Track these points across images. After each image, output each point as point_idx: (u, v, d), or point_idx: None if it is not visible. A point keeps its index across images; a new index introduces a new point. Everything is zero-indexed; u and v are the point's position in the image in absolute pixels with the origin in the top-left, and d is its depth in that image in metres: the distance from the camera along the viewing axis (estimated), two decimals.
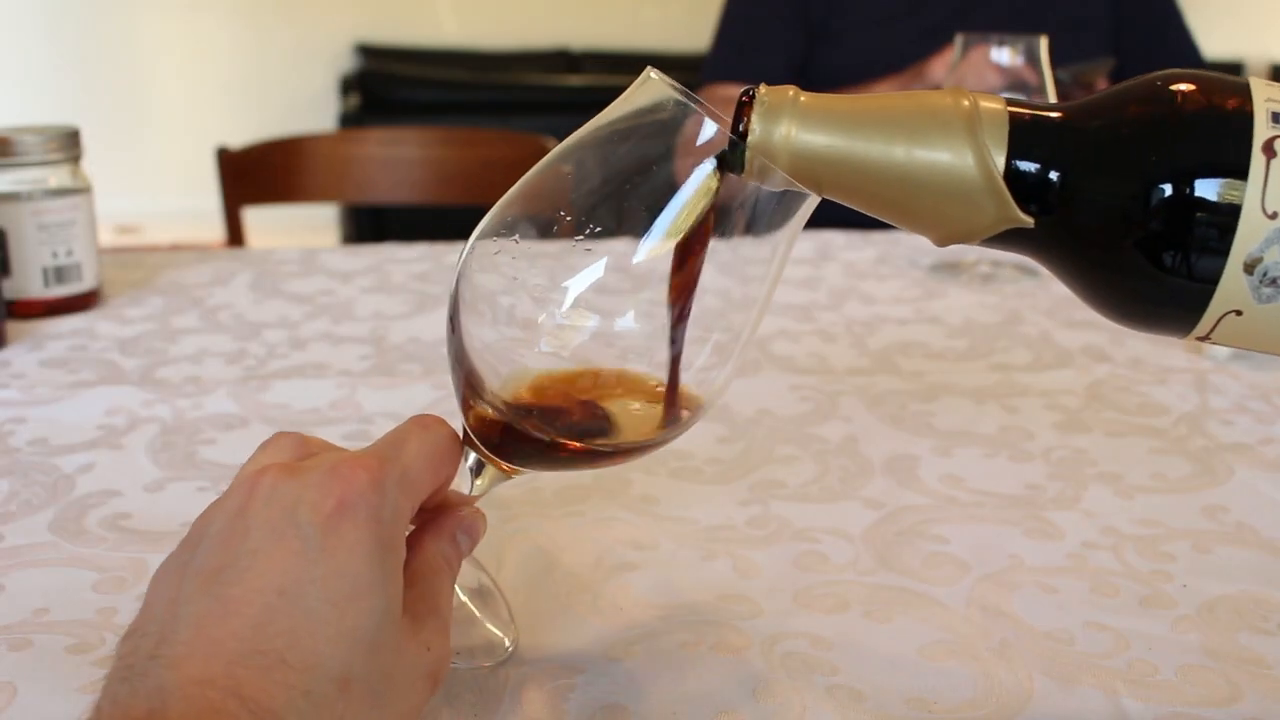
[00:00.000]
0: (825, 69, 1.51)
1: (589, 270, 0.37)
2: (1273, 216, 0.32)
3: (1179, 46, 1.53)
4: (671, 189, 0.36)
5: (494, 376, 0.39)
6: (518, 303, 0.38)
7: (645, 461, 0.61)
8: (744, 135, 0.35)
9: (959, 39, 1.02)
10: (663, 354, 0.38)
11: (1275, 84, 0.34)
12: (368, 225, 3.26)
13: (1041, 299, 0.95)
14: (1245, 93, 0.33)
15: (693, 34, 3.21)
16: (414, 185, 1.49)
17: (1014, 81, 0.98)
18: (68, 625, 0.44)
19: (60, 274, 0.85)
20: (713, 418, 0.68)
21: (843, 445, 0.64)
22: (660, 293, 0.37)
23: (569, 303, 0.37)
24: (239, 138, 1.60)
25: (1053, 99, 0.97)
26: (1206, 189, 0.33)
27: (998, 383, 0.75)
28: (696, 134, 0.36)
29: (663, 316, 0.38)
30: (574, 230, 0.37)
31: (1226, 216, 0.33)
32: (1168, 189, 0.33)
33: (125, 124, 3.97)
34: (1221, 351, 0.79)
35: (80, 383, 0.72)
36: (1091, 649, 0.44)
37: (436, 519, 0.40)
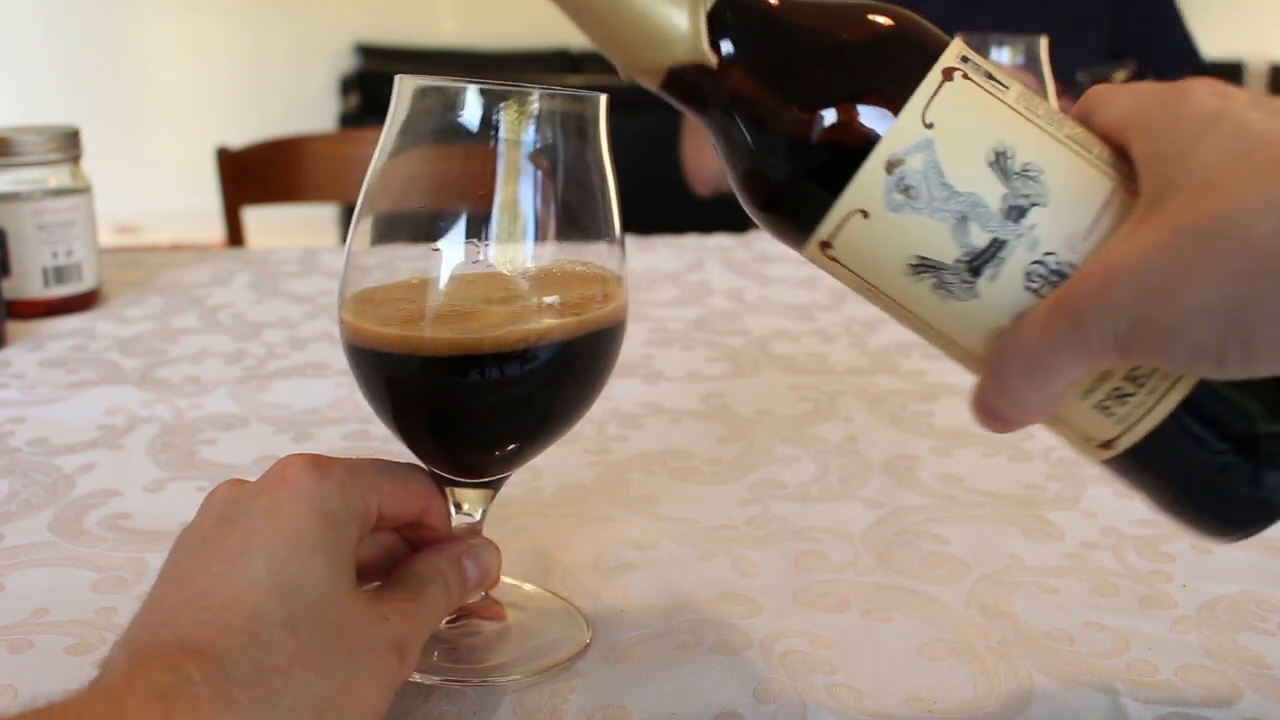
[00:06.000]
0: None
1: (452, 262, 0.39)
2: (929, 126, 0.33)
3: (1178, 47, 1.53)
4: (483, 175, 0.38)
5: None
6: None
7: (645, 461, 0.61)
8: None
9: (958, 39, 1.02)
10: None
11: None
12: None
13: None
14: (943, 37, 0.35)
15: None
16: None
17: None
18: (68, 625, 0.44)
19: (60, 274, 0.85)
20: (712, 417, 0.68)
21: (842, 445, 0.64)
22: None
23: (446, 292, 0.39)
24: (239, 138, 1.60)
25: (1052, 100, 0.97)
26: (878, 80, 0.34)
27: None
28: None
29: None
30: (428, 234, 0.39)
31: (885, 110, 0.33)
32: (843, 70, 0.34)
33: (125, 124, 3.97)
34: None
35: (80, 383, 0.72)
36: (1091, 649, 0.44)
37: (446, 543, 0.42)
